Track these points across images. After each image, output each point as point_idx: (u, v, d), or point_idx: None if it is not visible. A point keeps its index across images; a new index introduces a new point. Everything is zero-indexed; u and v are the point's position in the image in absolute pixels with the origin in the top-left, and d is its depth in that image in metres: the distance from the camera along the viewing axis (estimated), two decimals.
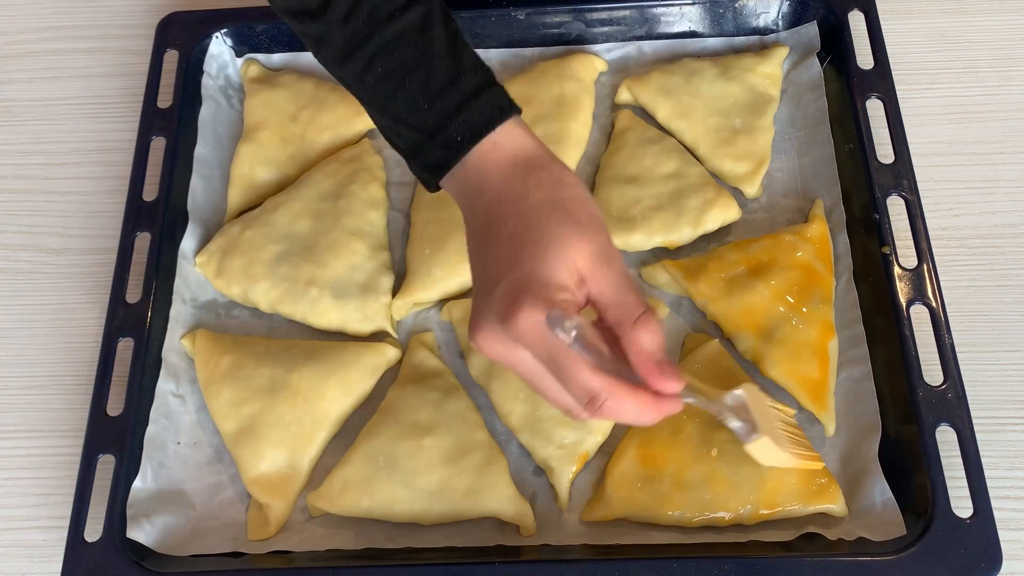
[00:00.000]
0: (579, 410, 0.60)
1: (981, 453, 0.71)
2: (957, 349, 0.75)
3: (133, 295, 0.82)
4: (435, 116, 0.64)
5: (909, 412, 0.73)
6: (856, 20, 0.91)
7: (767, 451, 0.65)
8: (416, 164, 0.67)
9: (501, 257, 0.62)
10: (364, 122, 0.93)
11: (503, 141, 0.64)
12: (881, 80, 0.88)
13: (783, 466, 0.68)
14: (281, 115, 0.92)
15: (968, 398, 0.73)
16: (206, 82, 0.94)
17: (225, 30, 0.95)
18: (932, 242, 0.80)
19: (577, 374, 0.58)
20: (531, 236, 0.61)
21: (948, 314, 0.77)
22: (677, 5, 0.94)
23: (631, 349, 0.59)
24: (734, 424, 0.65)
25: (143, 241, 0.84)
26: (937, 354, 0.75)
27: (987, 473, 0.70)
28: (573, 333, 0.57)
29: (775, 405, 0.70)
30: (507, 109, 0.65)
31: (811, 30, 0.93)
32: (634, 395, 0.59)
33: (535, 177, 0.63)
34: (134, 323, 0.80)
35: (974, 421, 0.72)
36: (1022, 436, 0.78)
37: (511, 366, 0.61)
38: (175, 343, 0.82)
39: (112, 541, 0.72)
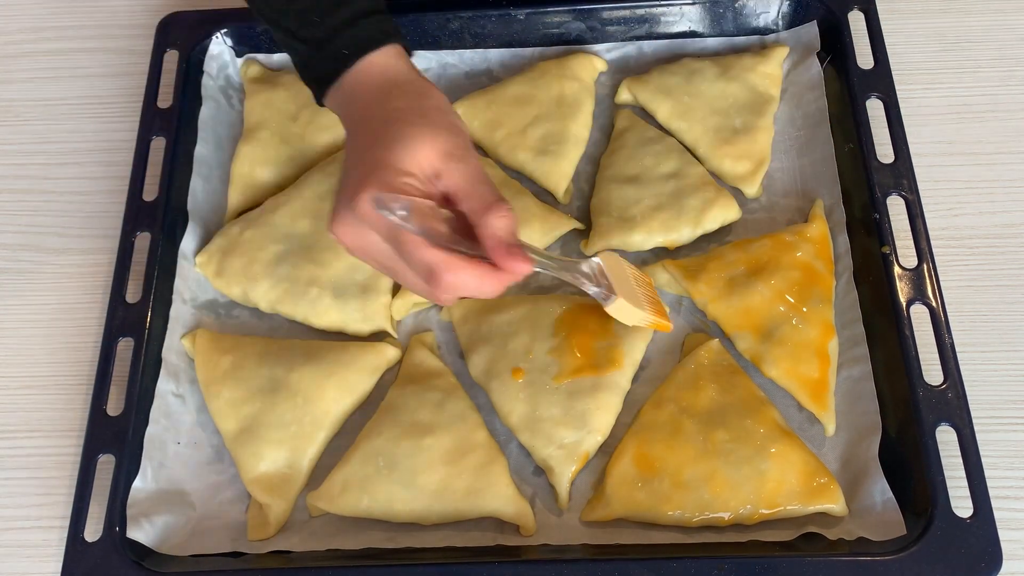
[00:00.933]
0: (428, 288, 0.65)
1: (981, 453, 0.71)
2: (957, 349, 0.75)
3: (133, 295, 0.82)
4: (325, 29, 0.69)
5: (909, 412, 0.73)
6: (856, 20, 0.91)
7: (625, 311, 0.73)
8: (306, 75, 0.72)
9: (357, 153, 0.67)
10: None
11: (381, 62, 0.69)
12: (881, 80, 0.88)
13: (641, 324, 0.76)
14: (281, 115, 0.92)
15: (968, 398, 0.73)
16: (206, 82, 0.94)
17: (225, 30, 0.95)
18: (932, 242, 0.80)
19: (414, 250, 0.63)
20: (387, 132, 0.65)
21: (948, 314, 0.77)
22: (677, 5, 0.94)
23: (483, 233, 0.63)
24: (592, 290, 0.72)
25: (143, 241, 0.84)
26: (937, 354, 0.75)
27: (987, 473, 0.71)
28: (400, 212, 0.61)
29: (634, 271, 0.78)
30: (392, 35, 0.70)
31: (811, 30, 0.93)
32: (470, 266, 0.63)
33: (400, 88, 0.68)
34: (134, 323, 0.80)
35: (974, 421, 0.72)
36: (1022, 436, 0.78)
37: (365, 253, 0.66)
38: (175, 343, 0.82)
39: (112, 541, 0.72)
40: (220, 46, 0.95)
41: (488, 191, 0.65)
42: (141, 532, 0.73)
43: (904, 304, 0.77)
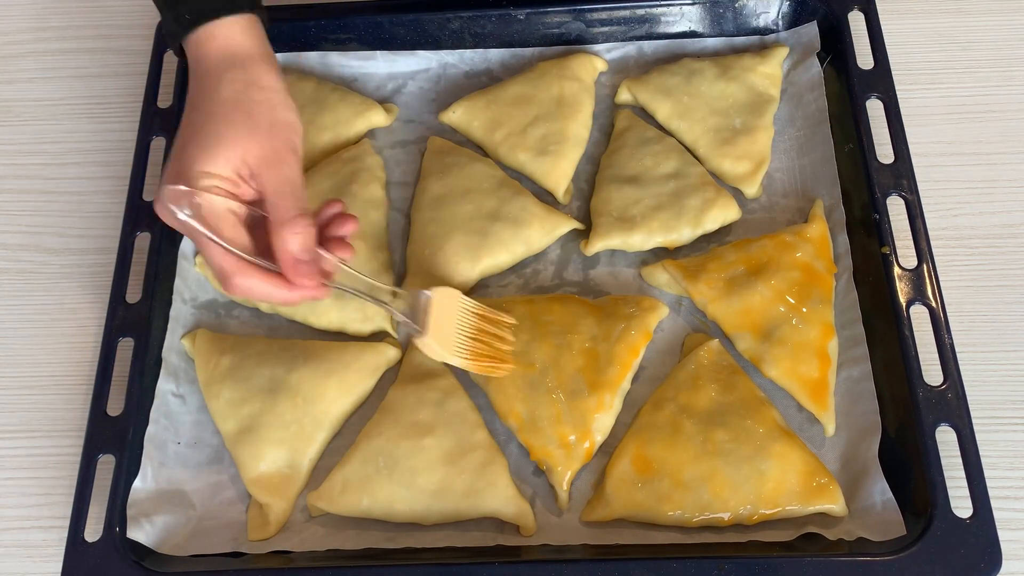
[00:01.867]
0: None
1: (981, 453, 0.71)
2: (957, 349, 0.75)
3: (133, 295, 0.82)
4: None
5: (909, 412, 0.73)
6: (856, 20, 0.91)
7: (432, 349, 0.74)
8: (163, 29, 0.75)
9: (180, 139, 0.69)
10: (364, 122, 0.93)
11: (221, 34, 0.70)
12: (881, 80, 0.88)
13: (455, 364, 0.75)
14: None
15: (968, 398, 0.73)
16: None
17: None
18: (932, 242, 0.80)
19: (206, 251, 0.67)
20: (207, 129, 0.67)
21: (948, 314, 0.77)
22: (677, 5, 0.94)
23: (276, 247, 0.67)
24: (400, 319, 0.74)
25: (143, 241, 0.84)
26: (937, 354, 0.75)
27: (987, 473, 0.71)
28: (187, 211, 0.65)
29: (487, 314, 0.77)
30: (239, 6, 0.71)
31: (811, 30, 0.93)
32: (260, 276, 0.67)
33: (231, 74, 0.69)
34: (134, 323, 0.80)
35: (974, 421, 0.72)
36: (1022, 436, 0.78)
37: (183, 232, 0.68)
38: (175, 343, 0.82)
39: (112, 541, 0.72)
40: None
41: (290, 204, 0.67)
42: (141, 532, 0.73)
43: (904, 304, 0.77)
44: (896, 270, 0.79)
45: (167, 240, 0.85)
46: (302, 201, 0.68)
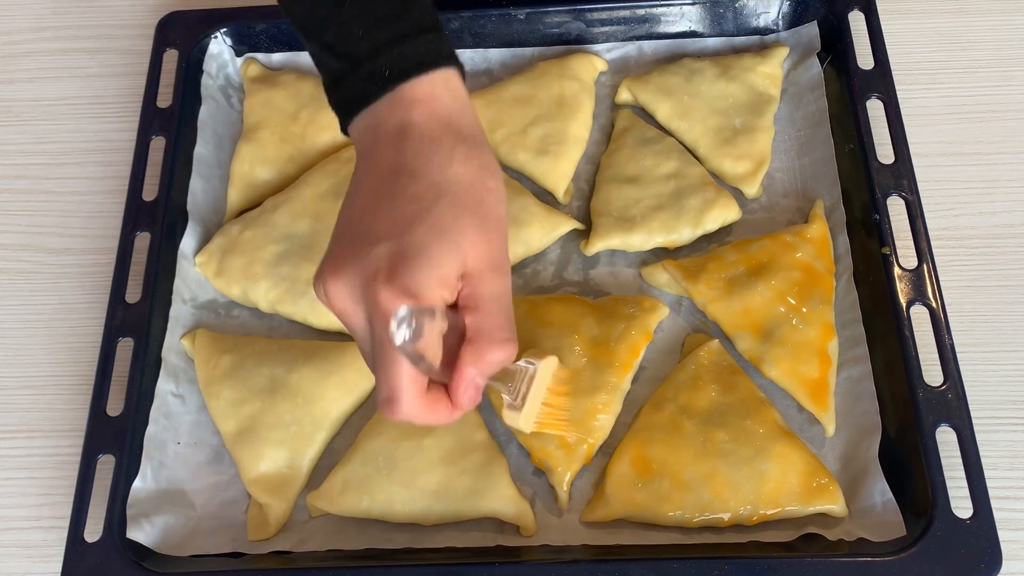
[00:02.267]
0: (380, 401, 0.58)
1: (981, 453, 0.71)
2: (957, 349, 0.75)
3: (133, 295, 0.82)
4: (367, 46, 0.59)
5: (909, 412, 0.73)
6: (856, 20, 0.91)
7: (515, 421, 0.65)
8: (335, 97, 0.62)
9: (397, 216, 0.57)
10: None
11: (440, 93, 0.60)
12: (881, 80, 0.88)
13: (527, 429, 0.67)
14: (281, 115, 0.92)
15: (968, 398, 0.73)
16: (206, 82, 0.94)
17: (225, 29, 0.95)
18: (932, 242, 0.80)
19: (389, 365, 0.56)
20: (437, 210, 0.56)
21: (948, 314, 0.77)
22: (677, 5, 0.94)
23: (470, 359, 0.57)
24: (504, 394, 0.64)
25: (143, 241, 0.84)
26: (937, 354, 0.75)
27: (987, 473, 0.70)
28: (406, 335, 0.54)
29: (559, 378, 0.68)
30: (448, 57, 0.61)
31: (811, 30, 0.93)
32: (425, 406, 0.57)
33: (464, 151, 0.59)
34: (134, 323, 0.80)
35: (974, 421, 0.72)
36: (1022, 436, 0.78)
37: (345, 325, 0.58)
38: (175, 343, 0.82)
39: (112, 541, 0.72)
40: (220, 45, 0.95)
41: (503, 323, 0.58)
42: (141, 532, 0.73)
43: (904, 305, 0.77)
44: (896, 270, 0.79)
45: (167, 240, 0.85)
46: (512, 320, 0.59)
